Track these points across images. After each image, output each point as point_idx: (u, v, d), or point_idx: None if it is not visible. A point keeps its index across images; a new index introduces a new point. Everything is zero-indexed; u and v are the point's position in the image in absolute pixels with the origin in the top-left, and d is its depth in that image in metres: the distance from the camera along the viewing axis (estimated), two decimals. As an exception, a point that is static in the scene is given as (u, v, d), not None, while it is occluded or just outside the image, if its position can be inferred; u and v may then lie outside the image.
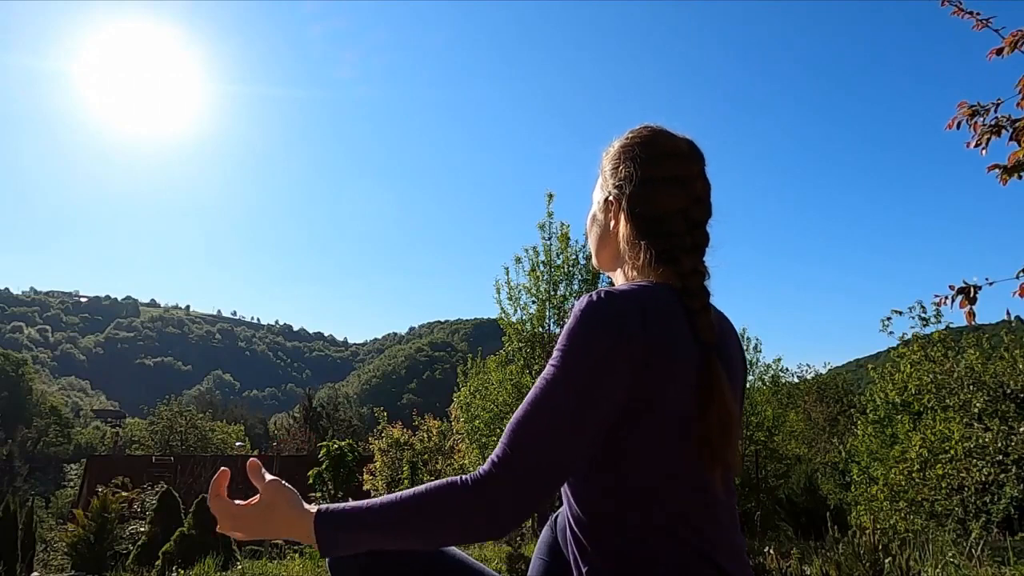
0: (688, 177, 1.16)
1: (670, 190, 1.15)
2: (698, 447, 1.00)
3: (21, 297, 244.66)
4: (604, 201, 1.24)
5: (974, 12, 2.43)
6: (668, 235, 1.12)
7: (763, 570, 4.29)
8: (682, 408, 1.01)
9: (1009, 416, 9.36)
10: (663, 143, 1.19)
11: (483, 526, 0.98)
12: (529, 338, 11.02)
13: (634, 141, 1.20)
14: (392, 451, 13.83)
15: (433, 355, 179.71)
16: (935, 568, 3.78)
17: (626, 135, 1.23)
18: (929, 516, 9.77)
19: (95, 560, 9.59)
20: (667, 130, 1.22)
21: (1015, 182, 2.40)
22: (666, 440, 1.01)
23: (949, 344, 10.78)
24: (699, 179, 1.18)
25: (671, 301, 1.05)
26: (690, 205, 1.14)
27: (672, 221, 1.13)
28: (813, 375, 25.81)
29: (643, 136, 1.21)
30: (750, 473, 14.31)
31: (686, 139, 1.21)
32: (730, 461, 1.02)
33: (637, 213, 1.16)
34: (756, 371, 16.11)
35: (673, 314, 1.04)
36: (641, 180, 1.16)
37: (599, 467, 1.03)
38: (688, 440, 1.01)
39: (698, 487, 1.02)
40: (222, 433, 34.65)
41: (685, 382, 1.01)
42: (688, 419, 1.01)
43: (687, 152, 1.19)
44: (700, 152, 1.21)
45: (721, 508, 1.05)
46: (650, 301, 1.03)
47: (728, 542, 1.05)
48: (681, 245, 1.11)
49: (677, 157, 1.18)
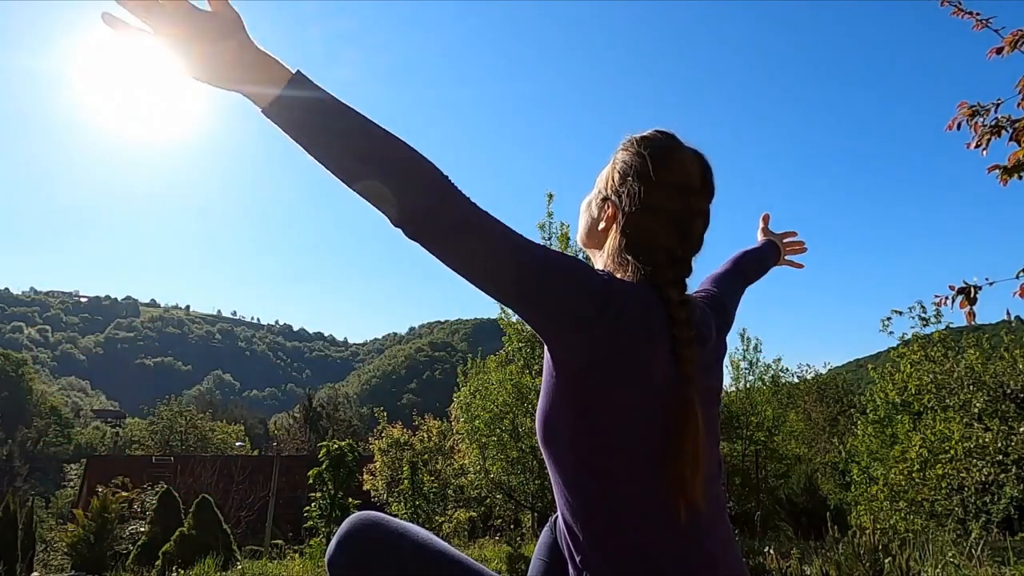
0: (687, 215, 1.14)
1: (664, 225, 1.13)
2: (668, 480, 1.02)
3: (21, 297, 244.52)
4: (603, 199, 1.22)
5: (974, 12, 2.43)
6: (651, 264, 1.12)
7: (763, 570, 4.29)
8: (651, 428, 1.03)
9: (1009, 416, 9.36)
10: (676, 172, 1.15)
11: (408, 204, 0.96)
12: (529, 338, 11.03)
13: (650, 158, 1.15)
14: (392, 451, 13.82)
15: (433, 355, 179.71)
16: (935, 568, 3.77)
17: (647, 143, 1.18)
18: (929, 516, 9.78)
19: (95, 560, 9.59)
20: (687, 155, 1.17)
21: (1015, 182, 2.40)
22: (639, 457, 1.03)
23: (949, 344, 10.79)
24: (698, 217, 1.15)
25: (661, 322, 1.06)
26: (677, 244, 1.13)
27: (656, 254, 1.12)
28: (813, 375, 25.82)
29: (660, 156, 1.15)
30: (750, 473, 14.31)
31: (702, 169, 1.17)
32: (693, 496, 1.01)
33: (627, 233, 1.15)
34: (756, 371, 16.10)
35: (657, 326, 1.05)
36: (640, 204, 1.14)
37: (576, 480, 1.05)
38: (659, 464, 1.02)
39: (671, 507, 1.02)
40: (222, 433, 34.59)
41: (652, 406, 1.03)
42: (659, 442, 1.02)
43: (696, 187, 1.16)
44: (711, 185, 1.18)
45: (703, 521, 1.05)
46: (636, 301, 1.05)
47: (708, 555, 1.05)
48: (663, 277, 1.11)
49: (684, 192, 1.14)
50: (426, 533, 1.19)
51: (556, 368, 1.06)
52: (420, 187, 0.97)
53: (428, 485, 13.39)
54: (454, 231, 0.98)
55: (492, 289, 1.04)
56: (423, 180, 0.97)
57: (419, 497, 13.22)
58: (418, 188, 0.97)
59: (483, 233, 1.00)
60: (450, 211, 0.98)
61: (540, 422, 1.11)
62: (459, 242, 0.99)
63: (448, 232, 0.98)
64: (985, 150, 2.44)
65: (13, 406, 66.46)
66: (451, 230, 0.98)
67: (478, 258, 1.01)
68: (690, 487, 1.01)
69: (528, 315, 1.05)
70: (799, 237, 1.94)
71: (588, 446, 1.04)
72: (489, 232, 1.00)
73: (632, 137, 1.21)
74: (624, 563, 1.02)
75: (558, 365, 1.06)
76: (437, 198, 0.97)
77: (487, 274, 1.02)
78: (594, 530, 1.04)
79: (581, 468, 1.05)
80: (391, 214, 0.99)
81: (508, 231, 1.01)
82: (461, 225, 0.98)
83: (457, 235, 0.98)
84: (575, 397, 1.05)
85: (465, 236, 0.99)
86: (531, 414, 10.77)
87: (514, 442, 11.15)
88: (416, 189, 0.97)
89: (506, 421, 11.15)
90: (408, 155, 0.98)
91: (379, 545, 1.13)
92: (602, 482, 1.04)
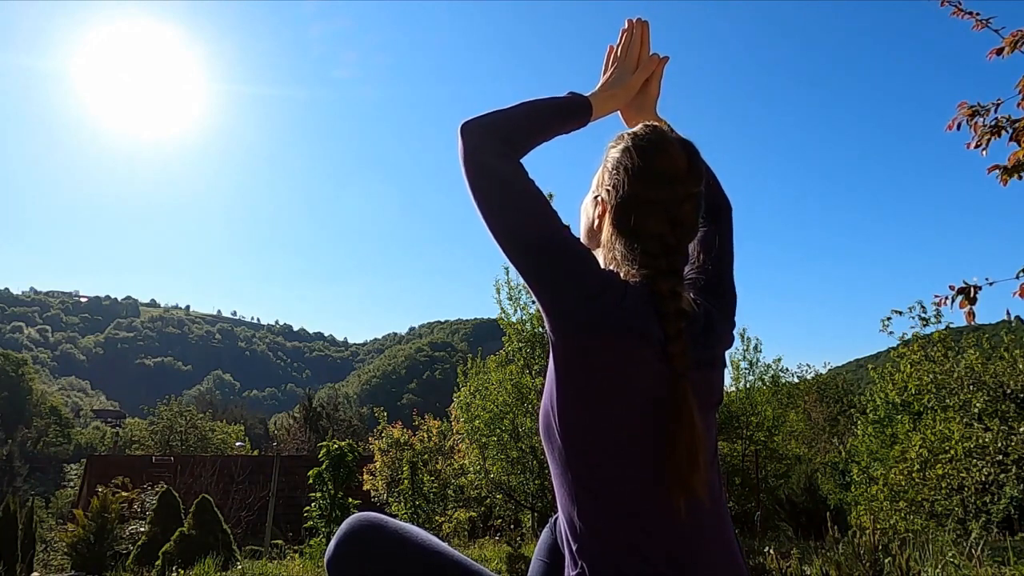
0: (674, 201, 1.14)
1: (652, 213, 1.14)
2: (663, 475, 1.02)
3: (21, 297, 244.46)
4: (595, 197, 1.25)
5: (974, 12, 2.43)
6: (645, 254, 1.13)
7: (763, 570, 4.29)
8: (645, 422, 1.04)
9: (1009, 416, 9.36)
10: (660, 162, 1.16)
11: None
12: (529, 338, 11.03)
13: (634, 150, 1.18)
14: (392, 451, 13.81)
15: (433, 355, 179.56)
16: (935, 568, 3.77)
17: (632, 136, 1.21)
18: (929, 516, 9.77)
19: (95, 560, 9.59)
20: (672, 143, 1.18)
21: (1015, 182, 2.40)
22: (634, 451, 1.04)
23: (949, 344, 10.78)
24: (686, 202, 1.16)
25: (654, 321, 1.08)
26: (668, 231, 1.14)
27: (649, 243, 1.14)
28: (813, 375, 25.81)
29: (643, 148, 1.17)
30: (750, 473, 14.30)
31: (687, 155, 1.18)
32: (695, 487, 1.02)
33: (616, 224, 1.17)
34: (756, 371, 16.09)
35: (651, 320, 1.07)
36: (627, 195, 1.15)
37: (573, 473, 1.06)
38: (656, 458, 1.03)
39: (669, 501, 1.03)
40: (222, 433, 34.55)
41: (645, 401, 1.04)
42: (654, 436, 1.03)
43: (682, 174, 1.16)
44: (699, 171, 1.19)
45: (702, 515, 1.06)
46: (629, 295, 1.08)
47: (704, 549, 1.05)
48: (657, 267, 1.12)
49: (669, 180, 1.15)
50: (425, 534, 1.19)
51: (553, 356, 1.08)
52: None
53: (428, 485, 13.38)
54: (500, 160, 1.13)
55: (510, 243, 1.12)
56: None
57: (419, 497, 13.21)
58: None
59: (523, 185, 1.13)
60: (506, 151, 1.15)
61: (540, 415, 1.13)
62: (498, 173, 1.13)
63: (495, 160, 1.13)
64: (985, 150, 2.44)
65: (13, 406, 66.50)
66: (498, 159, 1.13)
67: (510, 202, 1.12)
68: (688, 481, 1.02)
69: (527, 276, 1.11)
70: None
71: (583, 439, 1.06)
72: (529, 187, 1.13)
73: (620, 133, 1.24)
74: (620, 555, 1.02)
75: (555, 352, 1.08)
76: (510, 146, 1.16)
77: (513, 224, 1.12)
78: (591, 522, 1.05)
79: (577, 461, 1.06)
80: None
81: (544, 199, 1.14)
82: (508, 164, 1.14)
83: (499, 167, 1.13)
84: (571, 389, 1.06)
85: (504, 173, 1.13)
86: (531, 414, 10.78)
87: (514, 442, 11.15)
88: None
89: (506, 421, 11.14)
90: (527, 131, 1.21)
91: (378, 545, 1.14)
92: (598, 475, 1.05)
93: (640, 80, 1.40)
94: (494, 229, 1.12)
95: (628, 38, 1.40)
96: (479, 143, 1.13)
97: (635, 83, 1.39)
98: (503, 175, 1.12)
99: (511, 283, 11.11)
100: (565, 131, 1.27)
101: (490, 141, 1.13)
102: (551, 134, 1.24)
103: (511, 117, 1.18)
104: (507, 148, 1.14)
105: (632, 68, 1.39)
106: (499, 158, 1.13)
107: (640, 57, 1.40)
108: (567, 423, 1.06)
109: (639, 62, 1.40)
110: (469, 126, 1.14)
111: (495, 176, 1.12)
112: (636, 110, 1.42)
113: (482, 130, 1.14)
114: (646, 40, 1.41)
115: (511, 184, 1.12)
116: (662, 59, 1.41)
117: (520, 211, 1.11)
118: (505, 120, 1.17)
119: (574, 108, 1.28)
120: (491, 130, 1.14)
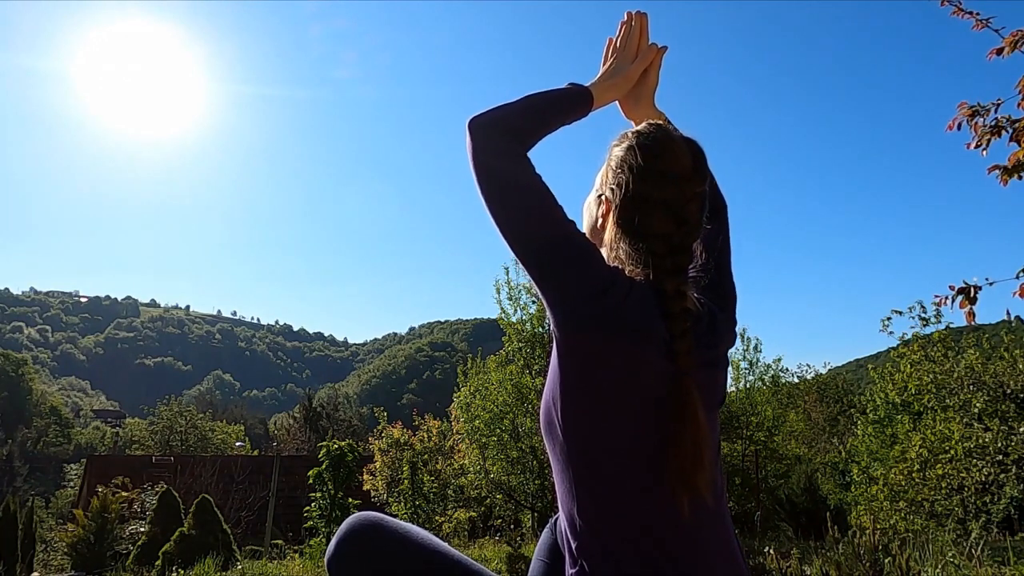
0: (679, 201, 1.14)
1: (657, 213, 1.14)
2: (665, 474, 1.02)
3: (21, 297, 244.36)
4: (599, 196, 1.25)
5: (974, 12, 2.43)
6: (650, 253, 1.13)
7: (763, 570, 4.29)
8: (648, 421, 1.04)
9: (1009, 416, 9.36)
10: (665, 160, 1.15)
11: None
12: (529, 338, 11.04)
13: (639, 149, 1.17)
14: (392, 451, 13.80)
15: (433, 355, 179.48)
16: (935, 568, 3.77)
17: (636, 135, 1.20)
18: (929, 516, 9.76)
19: (95, 560, 9.58)
20: (676, 142, 1.18)
21: (1015, 182, 2.40)
22: (636, 449, 1.04)
23: (949, 344, 10.78)
24: (692, 202, 1.15)
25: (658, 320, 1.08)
26: (674, 231, 1.13)
27: (654, 242, 1.13)
28: (813, 375, 25.81)
29: (648, 147, 1.17)
30: (750, 473, 14.30)
31: (692, 155, 1.18)
32: (699, 486, 1.02)
33: (621, 223, 1.17)
34: (756, 371, 16.09)
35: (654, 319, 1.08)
36: (632, 195, 1.15)
37: (574, 471, 1.06)
38: (658, 456, 1.03)
39: (667, 503, 1.03)
40: (222, 433, 34.54)
41: (648, 400, 1.04)
42: (657, 434, 1.03)
43: (688, 173, 1.16)
44: (704, 171, 1.19)
45: (703, 514, 1.05)
46: (634, 294, 1.08)
47: (703, 556, 1.05)
48: (662, 267, 1.12)
49: (675, 179, 1.15)
50: (425, 533, 1.19)
51: (557, 351, 1.09)
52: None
53: (428, 485, 13.38)
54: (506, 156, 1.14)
55: (515, 236, 1.12)
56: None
57: (419, 497, 13.21)
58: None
59: (530, 181, 1.14)
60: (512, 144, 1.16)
61: (542, 410, 1.13)
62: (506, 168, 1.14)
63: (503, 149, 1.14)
64: (985, 150, 2.44)
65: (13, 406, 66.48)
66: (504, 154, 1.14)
67: (514, 196, 1.13)
68: (692, 480, 1.02)
69: (532, 273, 1.12)
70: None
71: (585, 435, 1.05)
72: (536, 183, 1.14)
73: (624, 132, 1.24)
74: (620, 554, 1.02)
75: (558, 347, 1.08)
76: (518, 140, 1.17)
77: (519, 221, 1.12)
78: (591, 520, 1.05)
79: (578, 458, 1.06)
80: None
81: (551, 195, 1.14)
82: (516, 156, 1.15)
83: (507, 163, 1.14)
84: (572, 384, 1.06)
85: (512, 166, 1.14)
86: (531, 414, 10.78)
87: (514, 442, 11.15)
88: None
89: (506, 421, 11.14)
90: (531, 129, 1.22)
91: (378, 545, 1.14)
92: (599, 472, 1.05)
93: (639, 70, 1.41)
94: (501, 225, 1.12)
95: (627, 30, 1.41)
96: (487, 139, 1.14)
97: (634, 73, 1.40)
98: (509, 172, 1.13)
99: (511, 283, 11.13)
100: (568, 122, 1.28)
101: (497, 137, 1.14)
102: (555, 125, 1.25)
103: (517, 111, 1.19)
104: (514, 143, 1.15)
105: (631, 58, 1.40)
106: (506, 154, 1.13)
107: (639, 47, 1.41)
108: (569, 417, 1.06)
109: (638, 52, 1.41)
110: (476, 122, 1.15)
111: (502, 173, 1.13)
112: (634, 100, 1.43)
113: (489, 126, 1.15)
114: (645, 30, 1.41)
115: (517, 180, 1.13)
116: (660, 49, 1.41)
117: (526, 208, 1.11)
118: (511, 114, 1.18)
119: (575, 98, 1.28)
120: (498, 125, 1.15)
